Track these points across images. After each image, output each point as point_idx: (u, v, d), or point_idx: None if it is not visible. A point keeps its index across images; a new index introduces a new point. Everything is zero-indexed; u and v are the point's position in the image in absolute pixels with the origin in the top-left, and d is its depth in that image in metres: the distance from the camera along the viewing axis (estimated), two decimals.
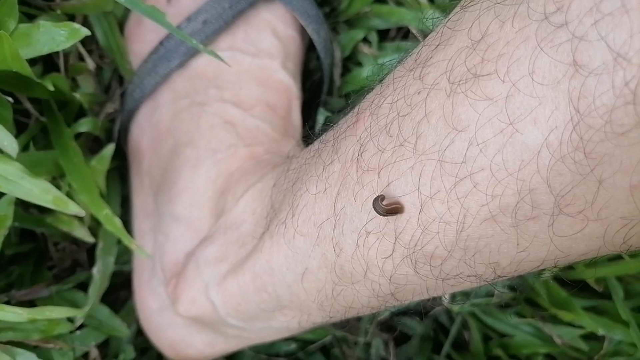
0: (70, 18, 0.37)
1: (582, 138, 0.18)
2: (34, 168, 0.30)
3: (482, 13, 0.21)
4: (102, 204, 0.31)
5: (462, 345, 0.45)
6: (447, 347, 0.44)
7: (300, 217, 0.27)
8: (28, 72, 0.29)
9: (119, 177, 0.41)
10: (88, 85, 0.38)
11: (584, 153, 0.18)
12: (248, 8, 0.37)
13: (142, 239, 0.38)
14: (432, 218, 0.22)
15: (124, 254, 0.41)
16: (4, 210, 0.32)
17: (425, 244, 0.23)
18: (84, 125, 0.36)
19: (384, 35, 0.43)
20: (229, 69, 0.37)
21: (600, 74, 0.17)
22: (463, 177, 0.21)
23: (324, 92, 0.41)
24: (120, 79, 0.41)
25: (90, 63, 0.36)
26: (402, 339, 0.44)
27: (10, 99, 0.30)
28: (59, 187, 0.34)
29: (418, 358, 0.43)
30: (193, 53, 0.37)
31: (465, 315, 0.43)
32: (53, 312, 0.30)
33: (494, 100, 0.19)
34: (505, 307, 0.43)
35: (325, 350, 0.46)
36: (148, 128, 0.38)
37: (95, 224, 0.39)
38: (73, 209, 0.28)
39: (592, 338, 0.42)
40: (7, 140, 0.29)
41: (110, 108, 0.38)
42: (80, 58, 0.38)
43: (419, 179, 0.22)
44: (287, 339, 0.45)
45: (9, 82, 0.31)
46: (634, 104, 0.17)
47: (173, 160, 0.36)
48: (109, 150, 0.35)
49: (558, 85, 0.18)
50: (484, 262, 0.23)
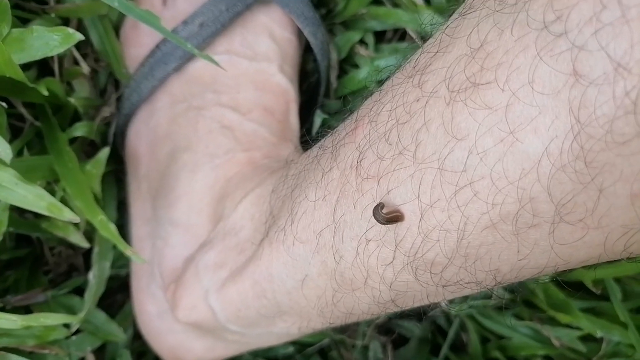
0: (65, 21, 0.37)
1: (582, 147, 0.18)
2: (28, 173, 0.30)
3: (480, 21, 0.21)
4: (97, 210, 0.31)
5: (460, 348, 0.44)
6: (445, 349, 0.43)
7: (300, 224, 0.27)
8: (21, 77, 0.28)
9: (115, 181, 0.41)
10: (83, 89, 0.38)
11: (585, 162, 0.18)
12: (245, 11, 0.37)
13: (139, 244, 0.37)
14: (432, 226, 0.22)
15: (120, 259, 0.41)
16: None
17: (426, 252, 0.23)
18: (79, 130, 0.35)
19: (381, 37, 0.43)
20: (226, 73, 0.36)
21: (601, 84, 0.17)
22: (463, 185, 0.21)
23: (321, 94, 0.41)
24: (116, 83, 0.41)
25: (85, 67, 0.36)
26: (400, 342, 0.44)
27: (4, 104, 0.30)
28: (54, 192, 0.34)
29: None
30: (190, 56, 0.36)
31: (463, 318, 0.43)
32: (48, 318, 0.30)
33: (494, 109, 0.19)
34: (503, 309, 0.43)
35: (323, 353, 0.46)
36: (145, 132, 0.38)
37: (91, 229, 0.39)
38: (67, 216, 0.28)
39: (590, 339, 0.42)
40: (1, 147, 0.29)
41: (106, 112, 0.38)
42: (75, 62, 0.38)
43: (419, 187, 0.22)
44: (285, 342, 0.45)
45: (3, 87, 0.30)
46: (635, 114, 0.17)
47: (171, 165, 0.36)
48: (104, 154, 0.35)
49: (558, 95, 0.18)
50: (485, 269, 0.23)
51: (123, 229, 0.38)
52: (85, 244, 0.35)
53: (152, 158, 0.37)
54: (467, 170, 0.20)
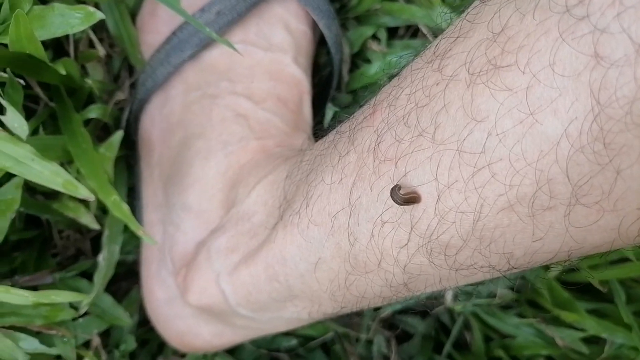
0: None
1: (602, 129, 0.18)
2: (43, 152, 0.30)
3: (502, 6, 0.21)
4: (110, 190, 0.31)
5: (463, 346, 0.45)
6: (448, 346, 0.44)
7: (315, 207, 0.27)
8: (42, 54, 0.29)
9: (126, 167, 0.41)
10: (97, 73, 0.38)
11: (604, 143, 0.18)
12: (261, 2, 0.37)
13: (151, 229, 0.37)
14: (449, 207, 0.22)
15: (128, 244, 0.41)
16: (12, 194, 0.32)
17: (441, 234, 0.23)
18: (94, 112, 0.36)
19: (393, 33, 0.44)
20: (241, 62, 0.37)
21: (622, 66, 0.17)
22: (481, 167, 0.21)
23: (333, 87, 0.41)
24: (130, 69, 0.41)
25: (101, 50, 0.36)
26: (403, 338, 0.44)
27: (22, 82, 0.30)
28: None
29: (419, 357, 0.43)
30: (206, 44, 0.37)
31: (467, 315, 0.43)
32: (59, 296, 0.30)
33: (514, 91, 0.20)
34: (507, 308, 0.44)
35: (326, 347, 0.46)
36: (159, 119, 0.38)
37: (101, 213, 0.39)
38: (83, 193, 0.28)
39: (592, 341, 0.42)
40: (17, 122, 0.29)
41: (120, 96, 0.38)
42: (90, 45, 0.38)
43: (437, 169, 0.22)
44: (288, 335, 0.45)
45: (21, 65, 0.31)
46: None
47: (184, 152, 0.36)
48: (118, 137, 0.35)
49: (579, 77, 0.18)
50: (499, 252, 0.23)
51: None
52: (96, 225, 0.36)
53: (165, 144, 0.38)
54: (485, 152, 0.20)
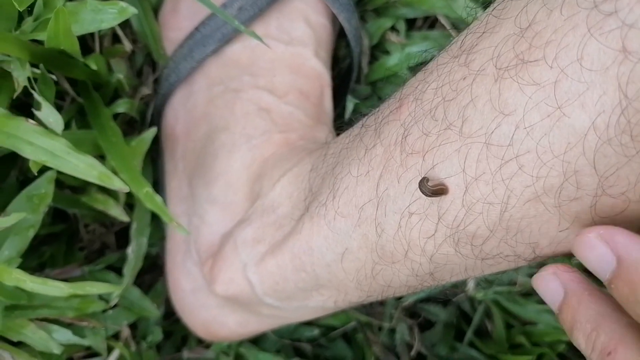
0: None
1: (629, 121, 0.19)
2: (76, 147, 0.31)
3: (529, 1, 0.21)
4: (143, 182, 0.31)
5: (484, 333, 0.45)
6: (469, 334, 0.44)
7: (342, 199, 0.28)
8: (77, 49, 0.29)
9: (150, 161, 0.41)
10: (121, 69, 0.39)
11: (631, 136, 0.19)
12: None
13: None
14: (476, 199, 0.23)
15: (151, 237, 0.41)
16: (45, 188, 0.32)
17: (468, 224, 0.23)
18: (122, 106, 0.36)
19: (411, 25, 0.44)
20: (263, 57, 0.37)
21: None
22: (509, 159, 0.21)
23: (353, 79, 0.42)
24: (152, 64, 0.41)
25: (128, 45, 0.37)
26: (425, 326, 0.45)
27: (54, 77, 0.31)
28: None
29: (441, 345, 0.44)
30: (228, 39, 0.37)
31: (489, 303, 0.44)
32: (93, 287, 0.31)
33: (542, 86, 0.20)
34: (528, 295, 0.44)
35: (347, 337, 0.46)
36: (183, 113, 0.38)
37: (127, 208, 0.39)
38: (118, 185, 0.29)
39: None
40: (52, 117, 0.29)
41: (145, 91, 0.38)
42: (114, 42, 0.39)
43: (465, 161, 0.22)
44: (310, 325, 0.46)
45: (52, 61, 0.31)
46: None
47: (208, 146, 0.37)
48: (150, 134, 0.35)
49: (606, 71, 0.19)
50: (525, 241, 0.23)
51: None
52: (125, 218, 0.36)
53: (189, 138, 0.38)
54: (513, 145, 0.21)
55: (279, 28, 0.38)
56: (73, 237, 0.41)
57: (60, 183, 0.37)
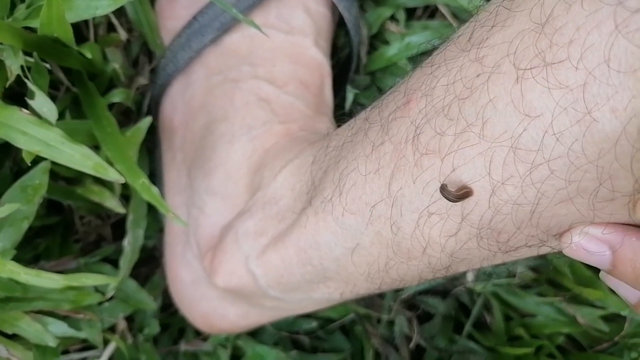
0: None
1: None
2: (71, 137, 0.30)
3: None
4: (139, 172, 0.31)
5: (483, 326, 0.45)
6: (468, 326, 0.44)
7: (349, 195, 0.27)
8: (70, 37, 0.29)
9: (146, 151, 0.41)
10: (116, 58, 0.38)
11: None
12: None
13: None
14: (504, 201, 0.22)
15: (148, 229, 0.41)
16: (39, 179, 0.32)
17: (495, 223, 0.23)
18: (117, 96, 0.36)
19: (411, 14, 0.43)
20: (262, 46, 0.37)
21: None
22: (539, 163, 0.20)
23: (352, 70, 0.41)
24: (149, 54, 0.41)
25: (123, 34, 0.36)
26: (424, 318, 0.45)
27: (48, 66, 0.30)
28: None
29: (440, 337, 0.44)
30: (227, 28, 0.36)
31: (488, 295, 0.43)
32: (89, 279, 0.30)
33: (570, 88, 0.19)
34: (527, 288, 0.44)
35: (345, 330, 0.46)
36: (181, 104, 0.38)
37: (122, 199, 0.39)
38: (113, 175, 0.28)
39: (611, 320, 0.42)
40: (46, 106, 0.29)
41: (141, 81, 0.38)
42: (109, 31, 0.38)
43: (490, 165, 0.21)
44: (308, 317, 0.45)
45: (46, 49, 0.31)
46: None
47: (207, 136, 0.36)
48: (146, 123, 0.35)
49: (635, 73, 0.18)
50: (553, 234, 0.23)
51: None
52: (121, 209, 0.36)
53: (187, 129, 0.38)
54: (543, 150, 0.20)
55: (279, 17, 0.37)
56: (68, 229, 0.41)
57: (55, 174, 0.37)
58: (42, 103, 0.28)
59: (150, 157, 0.41)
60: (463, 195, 0.22)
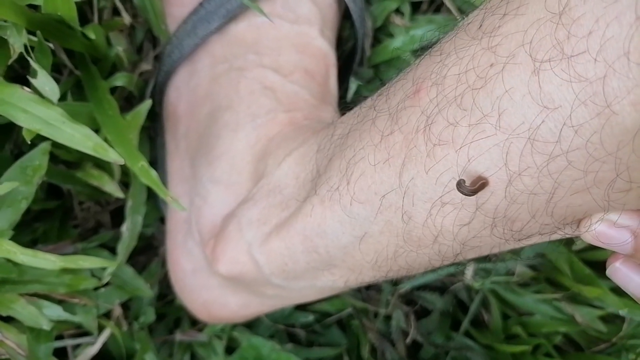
0: None
1: None
2: (72, 118, 0.30)
3: None
4: (138, 156, 0.31)
5: (480, 323, 0.45)
6: (466, 323, 0.44)
7: (357, 185, 0.27)
8: (74, 15, 0.28)
9: (148, 139, 0.41)
10: (120, 42, 0.38)
11: None
12: None
13: None
14: (520, 191, 0.22)
15: (147, 217, 0.41)
16: (39, 160, 0.31)
17: (511, 213, 0.23)
18: (120, 80, 0.35)
19: (416, 7, 0.43)
20: (268, 35, 0.36)
21: None
22: (557, 155, 0.20)
23: (357, 61, 0.41)
24: (153, 40, 0.41)
25: (127, 18, 0.36)
26: (421, 313, 0.44)
27: (51, 45, 0.30)
28: None
29: (437, 333, 0.43)
30: (233, 16, 0.36)
31: (486, 292, 0.43)
32: (86, 261, 0.30)
33: (590, 81, 0.19)
34: (525, 286, 0.44)
35: (342, 324, 0.46)
36: (185, 92, 0.38)
37: (122, 186, 0.39)
38: (113, 157, 0.28)
39: (609, 320, 0.42)
40: (48, 85, 0.29)
41: (144, 67, 0.38)
42: (113, 15, 0.38)
43: (506, 156, 0.21)
44: (304, 311, 0.45)
45: (49, 29, 0.30)
46: None
47: (211, 125, 0.36)
48: (145, 106, 0.34)
49: None
50: (567, 222, 0.23)
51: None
52: (120, 194, 0.35)
53: (191, 117, 0.37)
54: (561, 141, 0.20)
55: (285, 6, 0.37)
56: (67, 214, 0.41)
57: (55, 157, 0.36)
58: (44, 82, 0.28)
59: (152, 144, 0.41)
60: (478, 189, 0.22)
